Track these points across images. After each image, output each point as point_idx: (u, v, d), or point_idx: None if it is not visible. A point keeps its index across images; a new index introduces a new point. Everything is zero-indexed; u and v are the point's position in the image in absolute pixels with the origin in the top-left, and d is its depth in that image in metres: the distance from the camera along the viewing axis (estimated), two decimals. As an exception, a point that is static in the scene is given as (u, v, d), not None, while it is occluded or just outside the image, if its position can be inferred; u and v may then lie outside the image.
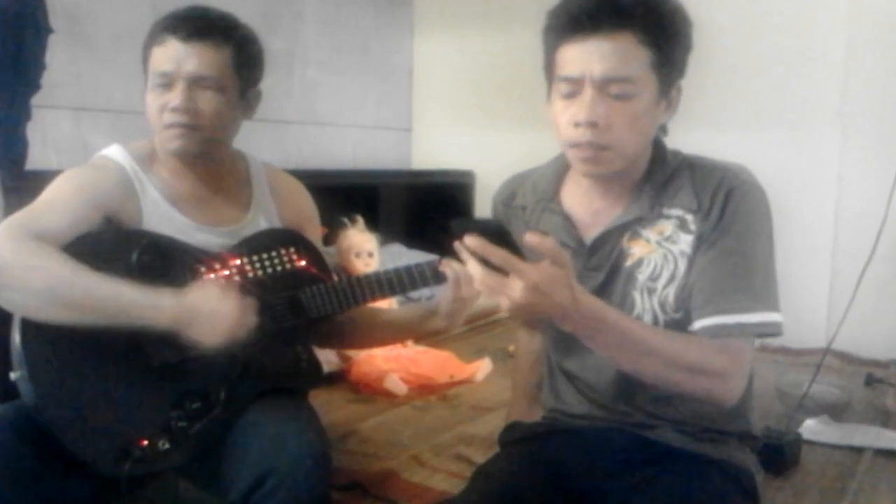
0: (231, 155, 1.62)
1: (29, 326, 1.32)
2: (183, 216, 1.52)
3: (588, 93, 1.20)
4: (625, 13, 1.18)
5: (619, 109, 1.20)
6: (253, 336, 1.40)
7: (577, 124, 1.21)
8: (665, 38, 1.21)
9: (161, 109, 1.47)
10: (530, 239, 1.05)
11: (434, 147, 4.42)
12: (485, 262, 1.04)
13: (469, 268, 1.07)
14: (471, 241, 1.03)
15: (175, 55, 1.45)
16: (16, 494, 1.28)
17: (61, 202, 1.41)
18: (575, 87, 1.21)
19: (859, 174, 3.17)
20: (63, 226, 1.37)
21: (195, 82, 1.46)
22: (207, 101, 1.47)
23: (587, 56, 1.20)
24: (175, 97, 1.45)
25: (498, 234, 1.04)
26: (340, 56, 3.96)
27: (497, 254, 1.03)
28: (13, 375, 1.34)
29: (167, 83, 1.46)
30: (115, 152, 1.52)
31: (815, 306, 3.17)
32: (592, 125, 1.20)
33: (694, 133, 1.60)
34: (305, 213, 1.70)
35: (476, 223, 1.03)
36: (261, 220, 1.60)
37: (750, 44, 3.31)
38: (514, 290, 1.03)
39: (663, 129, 1.34)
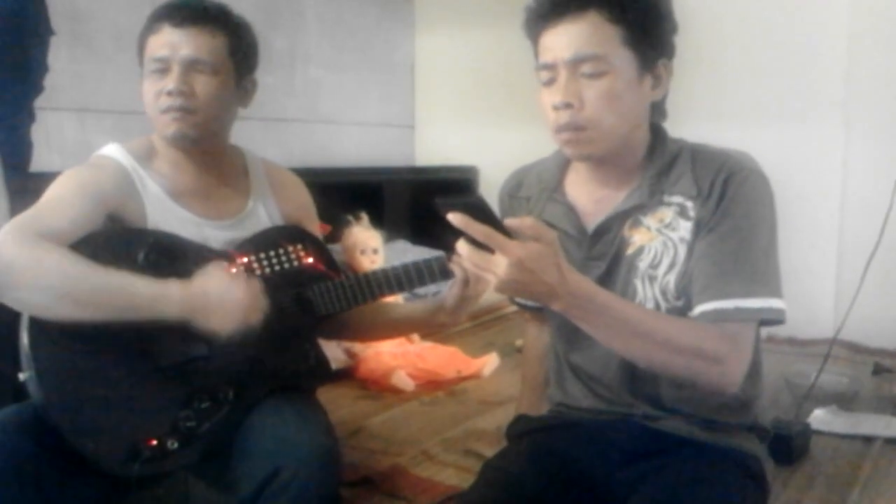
0: (229, 147, 1.63)
1: (37, 327, 1.32)
2: (185, 210, 1.52)
3: (562, 76, 1.22)
4: None
5: (593, 88, 1.21)
6: (265, 305, 1.42)
7: (555, 107, 1.23)
8: (635, 13, 1.21)
9: (157, 95, 1.47)
10: (510, 223, 1.05)
11: (437, 143, 4.42)
12: (472, 239, 1.04)
13: (458, 246, 1.07)
14: (454, 218, 1.02)
15: (170, 41, 1.47)
16: (24, 496, 1.27)
17: (64, 201, 1.41)
18: (552, 73, 1.24)
19: (864, 164, 3.16)
20: (67, 225, 1.37)
21: (191, 66, 1.47)
22: (203, 84, 1.47)
23: (558, 41, 1.22)
24: (171, 81, 1.46)
25: (482, 211, 1.03)
26: (342, 54, 3.96)
27: (480, 230, 1.02)
28: (22, 376, 1.34)
29: (163, 68, 1.47)
30: (113, 151, 1.53)
31: (822, 296, 3.17)
32: (568, 106, 1.22)
33: (698, 125, 1.59)
34: (304, 207, 1.71)
35: (460, 200, 1.03)
36: (260, 210, 1.61)
37: (753, 36, 3.30)
38: (499, 266, 1.03)
39: (662, 113, 1.34)
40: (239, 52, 1.53)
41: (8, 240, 1.31)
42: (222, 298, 1.36)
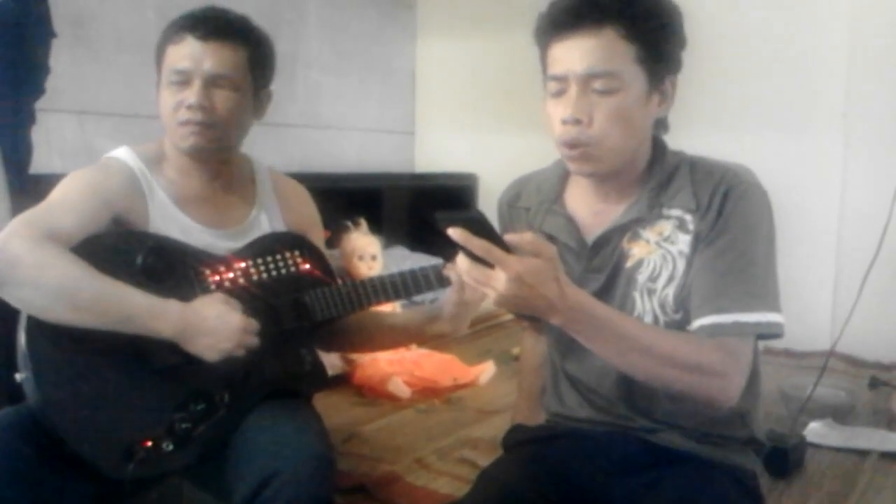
0: (238, 156, 1.63)
1: (34, 328, 1.33)
2: (188, 218, 1.52)
3: (573, 89, 1.21)
4: (605, 9, 1.19)
5: (603, 104, 1.20)
6: (255, 342, 1.41)
7: (563, 121, 1.22)
8: (649, 32, 1.21)
9: (176, 107, 1.47)
10: (509, 238, 1.05)
11: (437, 150, 4.42)
12: (472, 254, 1.04)
13: (457, 261, 1.07)
14: (454, 233, 1.02)
15: (192, 53, 1.46)
16: (19, 496, 1.27)
17: (71, 202, 1.41)
18: (562, 85, 1.23)
19: (863, 176, 3.16)
20: (73, 225, 1.38)
21: (212, 81, 1.47)
22: (223, 99, 1.48)
23: (571, 54, 1.21)
24: (192, 94, 1.46)
25: (481, 226, 1.03)
26: (343, 59, 3.97)
27: (479, 245, 1.02)
28: (18, 377, 1.34)
29: (184, 80, 1.47)
30: (123, 153, 1.53)
31: (819, 309, 3.17)
32: (577, 122, 1.21)
33: (697, 136, 1.59)
34: (309, 217, 1.71)
35: (459, 215, 1.03)
36: (263, 218, 1.61)
37: (753, 46, 3.31)
38: (499, 281, 1.03)
39: (664, 126, 1.34)
40: (258, 66, 1.54)
41: (16, 235, 1.32)
42: (214, 329, 1.36)
